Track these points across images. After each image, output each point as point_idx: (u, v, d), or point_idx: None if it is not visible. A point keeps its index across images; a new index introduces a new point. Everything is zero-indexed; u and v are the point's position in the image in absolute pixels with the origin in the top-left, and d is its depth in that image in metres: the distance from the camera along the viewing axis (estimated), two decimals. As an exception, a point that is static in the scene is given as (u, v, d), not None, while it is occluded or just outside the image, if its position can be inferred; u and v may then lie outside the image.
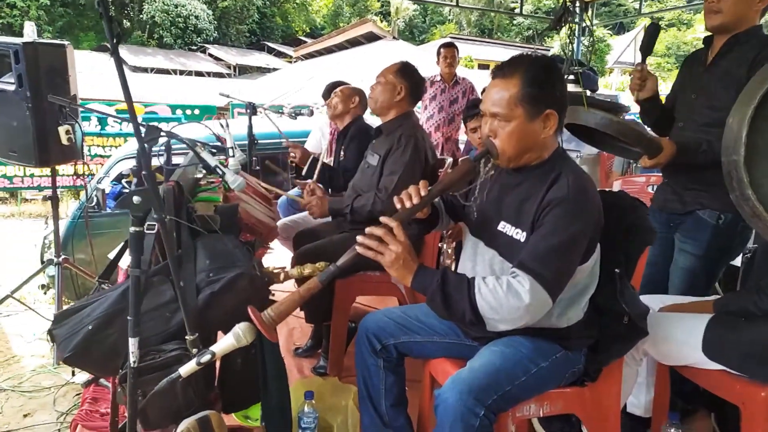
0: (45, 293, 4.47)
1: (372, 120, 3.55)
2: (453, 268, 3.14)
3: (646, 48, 2.21)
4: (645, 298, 2.06)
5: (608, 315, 1.61)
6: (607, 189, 3.32)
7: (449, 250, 3.42)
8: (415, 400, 1.93)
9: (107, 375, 1.91)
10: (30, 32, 3.13)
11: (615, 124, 1.94)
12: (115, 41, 1.14)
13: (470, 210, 1.67)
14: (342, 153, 3.11)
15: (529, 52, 1.56)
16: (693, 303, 1.90)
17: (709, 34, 2.13)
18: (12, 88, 2.91)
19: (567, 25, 3.57)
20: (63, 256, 3.46)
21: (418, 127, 2.55)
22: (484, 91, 2.44)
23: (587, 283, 1.56)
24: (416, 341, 1.74)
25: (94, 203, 4.70)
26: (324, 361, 2.55)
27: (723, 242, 2.11)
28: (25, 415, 2.77)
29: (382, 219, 1.45)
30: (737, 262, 2.58)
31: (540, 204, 1.47)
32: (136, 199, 1.24)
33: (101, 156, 8.78)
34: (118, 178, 5.16)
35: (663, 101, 2.32)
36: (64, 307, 3.22)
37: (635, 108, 2.43)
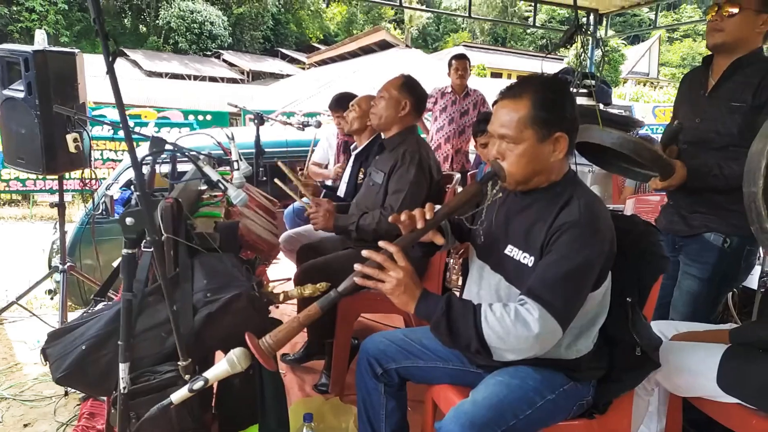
0: (51, 298, 4.47)
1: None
2: (459, 283, 3.10)
3: (667, 142, 2.11)
4: (659, 324, 2.00)
5: (619, 346, 1.54)
6: (619, 210, 3.25)
7: (456, 266, 3.37)
8: (418, 420, 1.88)
9: (101, 395, 1.87)
10: (40, 40, 3.14)
11: (631, 143, 1.88)
12: (111, 59, 1.10)
13: (477, 233, 1.62)
14: (361, 175, 3.06)
15: (540, 73, 1.51)
16: (708, 332, 1.83)
17: (709, 54, 2.10)
18: (21, 95, 2.92)
19: (579, 41, 3.51)
20: (69, 264, 3.45)
21: (422, 142, 2.50)
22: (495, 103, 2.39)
23: (598, 311, 1.50)
24: (419, 366, 1.69)
25: (102, 210, 4.71)
26: (326, 378, 2.50)
27: (728, 266, 2.06)
28: (25, 425, 2.75)
29: (381, 244, 1.39)
30: (753, 284, 2.51)
31: (550, 228, 1.41)
32: (129, 220, 1.21)
33: (113, 160, 8.83)
34: (128, 185, 5.17)
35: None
36: (58, 326, 3.22)
37: (648, 118, 2.39)
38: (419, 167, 2.33)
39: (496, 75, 28.59)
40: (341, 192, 3.14)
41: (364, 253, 1.41)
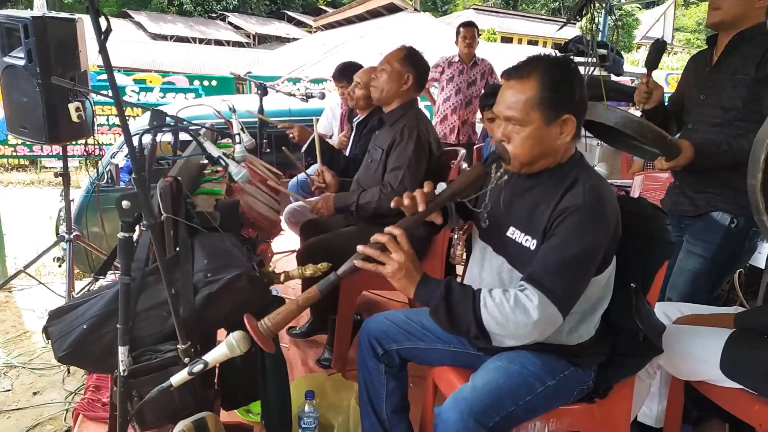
0: (59, 266, 4.52)
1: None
2: (464, 258, 3.08)
3: (652, 63, 2.15)
4: (663, 306, 1.99)
5: (622, 332, 1.53)
6: (627, 187, 3.20)
7: (460, 242, 3.35)
8: (419, 398, 1.89)
9: (104, 372, 1.89)
10: (39, 5, 3.08)
11: (635, 123, 1.84)
12: (102, 37, 1.06)
13: (480, 215, 1.59)
14: (359, 143, 3.03)
15: (547, 53, 1.45)
16: (712, 315, 1.81)
17: (714, 33, 2.07)
18: (22, 63, 2.87)
19: (590, 13, 3.39)
20: (74, 233, 3.47)
21: (421, 117, 2.43)
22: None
23: (601, 296, 1.48)
24: (420, 348, 1.69)
25: (107, 178, 4.70)
26: (328, 353, 2.52)
27: (733, 246, 2.05)
28: (34, 393, 2.81)
29: (387, 229, 1.36)
30: (760, 263, 2.48)
31: (553, 211, 1.38)
32: (125, 203, 1.19)
33: (119, 126, 8.80)
34: (138, 151, 5.14)
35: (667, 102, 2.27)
36: (65, 295, 3.23)
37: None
38: (418, 143, 2.28)
39: (507, 40, 28.03)
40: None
41: (372, 237, 1.39)
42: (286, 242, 3.94)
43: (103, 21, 1.09)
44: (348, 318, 2.40)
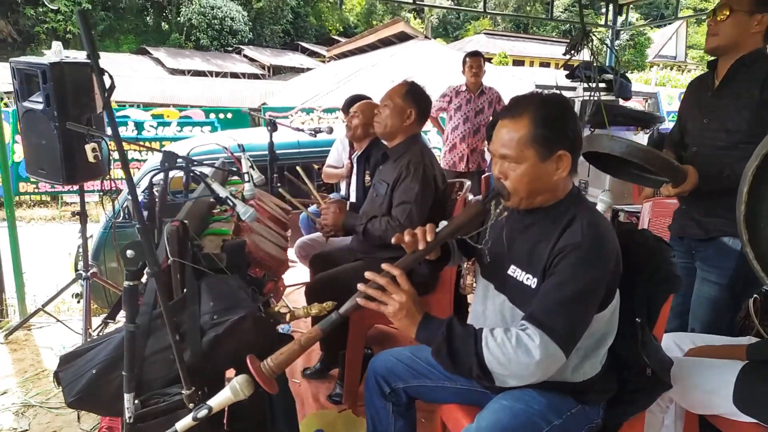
0: (78, 302, 4.58)
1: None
2: (474, 288, 3.08)
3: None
4: (675, 336, 1.96)
5: (629, 367, 1.51)
6: (636, 213, 3.17)
7: (470, 272, 3.34)
8: (432, 430, 1.87)
9: (114, 416, 1.91)
10: (57, 51, 3.18)
11: (640, 152, 1.85)
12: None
13: (482, 252, 1.60)
14: (368, 177, 3.05)
15: (538, 89, 1.48)
16: (724, 347, 1.78)
17: (714, 58, 2.10)
18: (40, 107, 2.98)
19: (587, 47, 3.42)
20: (92, 270, 3.52)
21: (426, 151, 2.45)
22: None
23: (605, 332, 1.46)
24: (426, 385, 1.68)
25: (124, 215, 4.79)
26: (339, 388, 2.51)
27: (747, 270, 1.99)
28: (51, 433, 2.83)
29: (385, 266, 1.38)
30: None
31: (552, 250, 1.38)
32: (129, 253, 1.22)
33: (137, 160, 8.98)
34: (150, 188, 5.26)
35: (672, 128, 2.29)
36: (70, 349, 3.28)
37: (675, 104, 2.38)
38: (424, 178, 2.30)
39: (519, 62, 28.24)
40: (352, 199, 3.14)
41: (367, 274, 1.40)
42: (298, 275, 3.96)
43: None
44: (357, 353, 2.40)
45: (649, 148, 1.89)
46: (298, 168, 2.86)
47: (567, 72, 4.43)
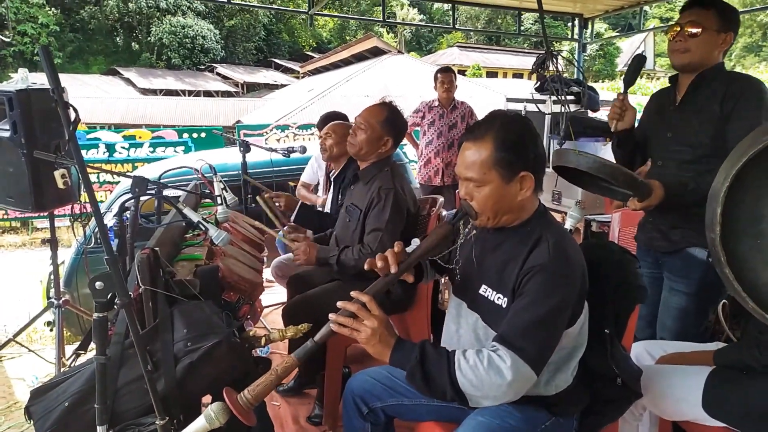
0: (51, 330, 4.49)
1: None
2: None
3: (630, 79, 2.21)
4: (646, 344, 2.00)
5: (599, 378, 1.54)
6: (606, 222, 3.24)
7: (448, 287, 3.35)
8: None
9: (87, 448, 1.87)
10: (24, 77, 3.14)
11: (606, 167, 1.88)
12: (72, 128, 1.10)
13: (453, 271, 1.62)
14: (340, 198, 3.04)
15: (502, 111, 1.51)
16: (693, 353, 1.82)
17: (676, 73, 2.15)
18: (7, 134, 2.92)
19: (552, 65, 3.50)
20: (64, 298, 3.45)
21: (397, 173, 2.42)
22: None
23: (575, 345, 1.49)
24: (404, 404, 1.68)
25: (96, 239, 4.72)
26: (319, 409, 2.50)
27: (713, 278, 2.04)
28: (24, 467, 2.76)
29: (354, 294, 1.39)
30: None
31: (520, 270, 1.41)
32: (98, 284, 1.21)
33: (110, 183, 8.86)
34: (121, 211, 5.19)
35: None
36: (41, 382, 3.22)
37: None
38: (395, 205, 2.29)
39: (492, 74, 28.64)
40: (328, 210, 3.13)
41: (339, 304, 1.41)
42: (276, 295, 3.94)
43: (72, 112, 1.14)
44: (336, 373, 2.39)
45: (613, 164, 1.93)
46: (258, 198, 2.80)
47: (537, 84, 4.52)
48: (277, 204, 2.79)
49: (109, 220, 4.89)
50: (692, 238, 2.06)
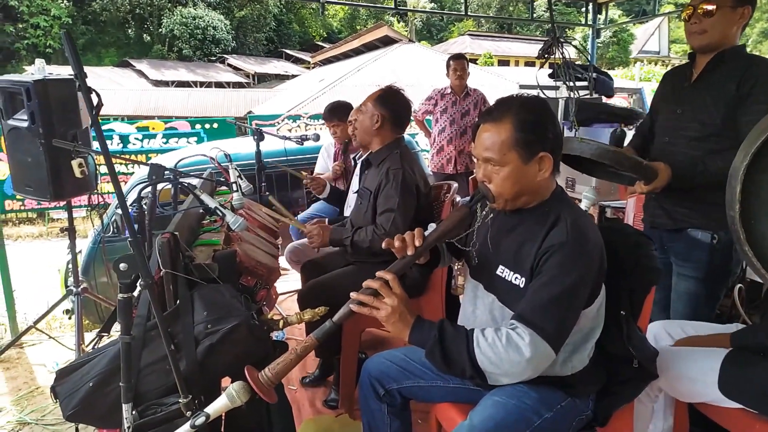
0: (70, 318, 4.56)
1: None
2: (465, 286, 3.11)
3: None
4: (665, 324, 2.00)
5: (615, 359, 1.55)
6: (621, 208, 3.22)
7: (461, 273, 3.37)
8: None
9: (111, 428, 1.91)
10: (40, 68, 3.18)
11: (610, 153, 1.89)
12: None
13: (470, 254, 1.63)
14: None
15: (521, 90, 1.51)
16: (710, 336, 1.82)
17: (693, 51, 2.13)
18: (25, 125, 2.96)
19: (558, 52, 3.46)
20: (82, 286, 3.51)
21: (407, 155, 2.43)
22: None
23: (592, 327, 1.50)
24: (420, 386, 1.70)
25: (113, 229, 4.78)
26: (335, 393, 2.53)
27: (721, 261, 2.07)
28: (47, 449, 2.82)
29: (378, 273, 1.41)
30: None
31: (539, 249, 1.42)
32: (122, 266, 1.24)
33: (124, 174, 8.95)
34: (138, 200, 5.25)
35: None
36: (65, 362, 3.28)
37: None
38: (404, 184, 2.30)
39: (504, 63, 28.44)
40: (350, 201, 3.15)
41: (364, 283, 1.42)
42: (291, 282, 3.98)
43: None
44: (352, 357, 2.42)
45: (617, 150, 1.92)
46: (270, 198, 2.85)
47: (550, 71, 4.49)
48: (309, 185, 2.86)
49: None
50: (695, 218, 2.06)
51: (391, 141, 2.46)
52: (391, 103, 2.44)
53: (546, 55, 3.38)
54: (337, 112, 3.74)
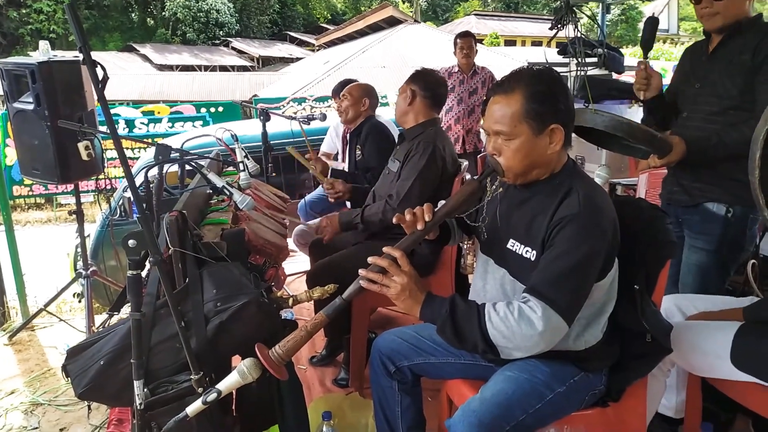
0: (79, 301, 4.59)
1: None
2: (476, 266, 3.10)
3: (648, 44, 2.17)
4: (677, 298, 1.98)
5: (629, 334, 1.53)
6: (633, 185, 3.19)
7: (470, 252, 3.36)
8: (436, 412, 1.89)
9: (123, 406, 1.93)
10: (44, 50, 3.16)
11: (624, 125, 1.85)
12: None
13: (480, 229, 1.61)
14: (359, 152, 3.08)
15: (530, 65, 1.48)
16: (723, 311, 1.80)
17: None
18: (31, 107, 2.96)
19: (571, 22, 3.40)
20: (91, 269, 3.52)
21: (441, 134, 2.47)
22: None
23: (605, 301, 1.48)
24: (431, 362, 1.70)
25: (120, 212, 4.79)
26: (345, 372, 2.54)
27: (734, 236, 2.06)
28: (61, 430, 2.85)
29: (385, 249, 1.39)
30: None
31: (550, 222, 1.40)
32: (131, 242, 1.23)
33: (131, 158, 8.96)
34: (145, 184, 5.26)
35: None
36: (85, 330, 3.29)
37: (668, 77, 2.37)
38: (431, 157, 2.32)
39: (510, 42, 28.12)
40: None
41: (369, 259, 1.41)
42: (299, 263, 3.98)
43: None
44: (362, 336, 2.42)
45: (630, 121, 1.89)
46: (290, 149, 2.90)
47: (558, 49, 4.43)
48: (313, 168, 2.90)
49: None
50: (712, 192, 2.05)
51: (428, 120, 2.49)
52: (421, 80, 2.48)
53: (559, 26, 3.32)
54: None
